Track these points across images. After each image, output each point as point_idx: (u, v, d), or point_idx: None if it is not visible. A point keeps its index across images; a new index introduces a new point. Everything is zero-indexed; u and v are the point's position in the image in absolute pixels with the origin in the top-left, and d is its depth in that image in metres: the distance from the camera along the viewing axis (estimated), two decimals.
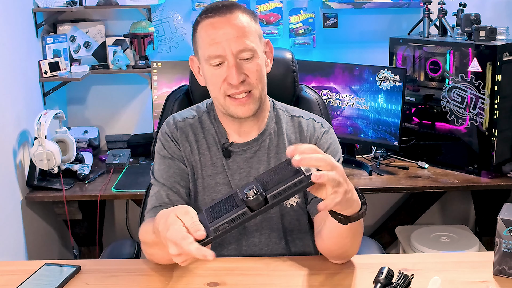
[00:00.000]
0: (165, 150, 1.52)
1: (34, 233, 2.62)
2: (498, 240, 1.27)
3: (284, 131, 1.54)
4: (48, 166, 2.50)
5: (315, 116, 1.59)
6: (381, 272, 1.23)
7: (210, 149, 1.52)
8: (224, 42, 1.38)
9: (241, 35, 1.39)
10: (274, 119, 1.55)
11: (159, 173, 1.51)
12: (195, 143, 1.52)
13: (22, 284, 1.29)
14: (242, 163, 1.51)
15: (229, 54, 1.39)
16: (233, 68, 1.39)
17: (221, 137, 1.52)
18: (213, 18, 1.41)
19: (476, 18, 2.62)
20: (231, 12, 1.41)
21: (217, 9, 1.42)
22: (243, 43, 1.39)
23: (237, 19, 1.40)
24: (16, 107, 2.51)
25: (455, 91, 2.64)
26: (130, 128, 3.14)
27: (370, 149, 2.93)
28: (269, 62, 1.51)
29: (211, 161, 1.51)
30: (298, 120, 1.56)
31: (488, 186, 2.58)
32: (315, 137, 1.53)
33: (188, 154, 1.51)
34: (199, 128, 1.54)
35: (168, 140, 1.52)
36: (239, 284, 1.30)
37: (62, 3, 2.75)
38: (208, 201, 1.49)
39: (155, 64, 2.88)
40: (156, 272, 1.36)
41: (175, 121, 1.55)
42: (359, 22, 3.06)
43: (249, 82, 1.42)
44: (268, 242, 1.50)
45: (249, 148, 1.51)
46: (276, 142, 1.53)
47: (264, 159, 1.51)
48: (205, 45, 1.41)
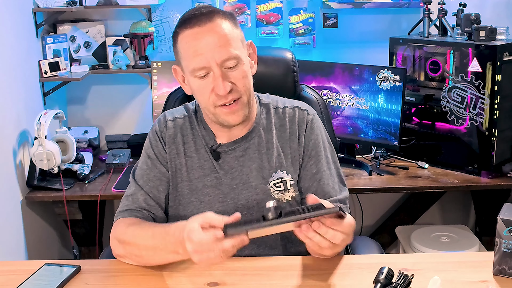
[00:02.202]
0: (152, 150, 1.53)
1: (34, 233, 2.62)
2: (498, 240, 1.27)
3: (273, 126, 1.54)
4: (48, 166, 2.50)
5: (298, 103, 1.58)
6: (381, 272, 1.23)
7: (198, 151, 1.52)
8: (207, 53, 1.37)
9: (224, 43, 1.38)
10: (263, 114, 1.55)
11: (140, 172, 1.52)
12: (183, 145, 1.52)
13: (22, 284, 1.29)
14: (232, 162, 1.51)
15: (213, 65, 1.37)
16: (219, 78, 1.38)
17: (208, 140, 1.52)
18: (192, 28, 1.38)
19: (476, 18, 2.62)
20: (211, 20, 1.38)
21: (196, 18, 1.39)
22: (227, 52, 1.38)
23: (218, 27, 1.38)
24: (16, 107, 2.51)
25: (455, 91, 2.64)
26: (130, 128, 3.14)
27: (370, 149, 2.92)
28: (254, 63, 1.50)
29: (198, 164, 1.51)
30: (283, 111, 1.56)
31: (488, 186, 2.58)
32: (303, 128, 1.53)
33: (174, 157, 1.51)
34: (188, 129, 1.53)
35: (156, 140, 1.53)
36: (239, 284, 1.30)
37: (62, 3, 2.75)
38: (196, 203, 1.49)
39: (155, 64, 2.88)
40: (156, 272, 1.36)
41: (165, 119, 1.55)
42: (359, 22, 3.06)
43: (237, 89, 1.41)
44: (266, 239, 1.51)
45: (238, 146, 1.51)
46: (266, 139, 1.52)
47: (255, 157, 1.51)
48: (188, 57, 1.39)
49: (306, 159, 1.52)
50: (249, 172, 1.49)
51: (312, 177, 1.51)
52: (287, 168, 1.51)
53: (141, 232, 1.39)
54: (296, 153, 1.52)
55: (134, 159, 2.90)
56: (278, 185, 1.49)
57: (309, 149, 1.52)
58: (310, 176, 1.51)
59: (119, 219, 1.48)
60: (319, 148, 1.53)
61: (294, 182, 1.50)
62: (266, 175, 1.50)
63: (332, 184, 1.51)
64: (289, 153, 1.52)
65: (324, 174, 1.51)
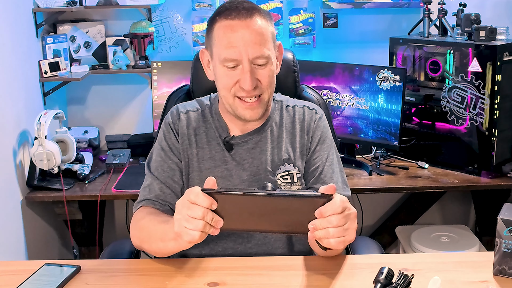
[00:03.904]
0: (165, 141, 1.55)
1: (34, 233, 2.62)
2: (498, 240, 1.27)
3: (284, 122, 1.58)
4: (48, 166, 2.50)
5: (307, 103, 1.63)
6: (381, 272, 1.23)
7: (209, 143, 1.54)
8: (241, 46, 1.40)
9: (259, 42, 1.41)
10: (276, 110, 1.59)
11: (154, 164, 1.54)
12: (194, 136, 1.55)
13: (22, 284, 1.29)
14: (244, 154, 1.54)
15: (245, 59, 1.41)
16: (247, 73, 1.41)
17: (221, 131, 1.55)
18: (232, 20, 1.41)
19: (476, 18, 2.62)
20: (251, 17, 1.41)
21: (237, 11, 1.42)
22: (259, 50, 1.41)
23: (256, 25, 1.41)
24: (16, 107, 2.51)
25: (455, 91, 2.64)
26: (130, 128, 3.14)
27: (370, 149, 2.93)
28: (279, 64, 1.54)
29: (209, 155, 1.54)
30: (293, 110, 1.60)
31: (488, 186, 2.58)
32: (311, 126, 1.58)
33: (186, 147, 1.54)
34: (200, 121, 1.56)
35: (169, 131, 1.56)
36: (239, 284, 1.30)
37: (62, 3, 2.75)
38: None
39: (155, 64, 2.88)
40: (156, 272, 1.36)
41: (178, 111, 1.58)
42: (359, 22, 3.06)
43: (261, 87, 1.45)
44: (270, 236, 1.52)
45: (250, 139, 1.54)
46: (277, 134, 1.56)
47: (266, 149, 1.55)
48: (221, 46, 1.42)
49: (312, 154, 1.56)
50: (260, 164, 1.53)
51: (315, 171, 1.55)
52: (295, 162, 1.55)
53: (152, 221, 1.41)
54: (304, 148, 1.56)
55: (134, 159, 2.90)
56: (285, 178, 1.54)
57: (315, 145, 1.57)
58: (314, 170, 1.55)
59: (138, 209, 1.50)
60: (325, 145, 1.57)
61: (301, 175, 1.55)
62: (274, 167, 1.54)
63: (335, 179, 1.54)
64: (297, 147, 1.56)
65: (328, 170, 1.55)
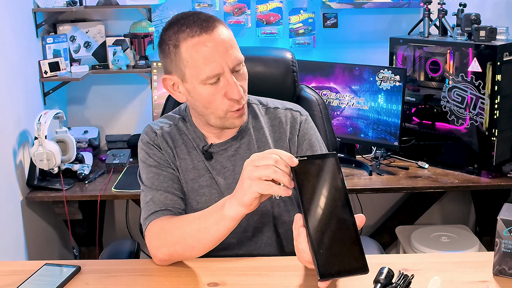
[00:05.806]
0: (151, 159, 1.49)
1: (34, 233, 2.62)
2: (498, 240, 1.27)
3: (263, 125, 1.54)
4: (48, 166, 2.50)
5: (291, 105, 1.59)
6: (381, 272, 1.23)
7: (190, 153, 1.51)
8: (219, 59, 1.36)
9: (233, 48, 1.38)
10: (250, 114, 1.55)
11: (149, 181, 1.48)
12: (174, 149, 1.50)
13: (22, 284, 1.29)
14: (224, 162, 1.51)
15: (226, 71, 1.37)
16: (233, 83, 1.38)
17: (199, 141, 1.51)
18: (200, 36, 1.36)
19: (476, 18, 2.62)
20: (215, 26, 1.38)
21: (199, 27, 1.37)
22: (236, 57, 1.38)
23: (223, 33, 1.38)
24: (16, 107, 2.51)
25: (455, 91, 2.64)
26: (130, 128, 3.14)
27: (370, 149, 2.93)
28: None
29: (192, 165, 1.50)
30: (274, 112, 1.56)
31: (488, 186, 2.58)
32: (296, 128, 1.54)
33: (172, 160, 1.50)
34: (176, 134, 1.52)
35: (151, 148, 1.50)
36: (239, 284, 1.30)
37: (62, 3, 2.75)
38: (193, 204, 1.48)
39: (155, 64, 2.88)
40: (156, 272, 1.36)
41: (153, 129, 1.53)
42: (359, 22, 3.06)
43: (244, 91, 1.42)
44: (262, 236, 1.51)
45: (229, 146, 1.51)
46: (256, 137, 1.53)
47: (247, 156, 1.50)
48: (198, 65, 1.37)
49: None
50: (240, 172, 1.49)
51: None
52: None
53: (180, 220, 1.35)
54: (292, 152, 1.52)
55: (134, 159, 2.90)
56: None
57: (303, 148, 1.53)
58: None
59: (150, 224, 1.41)
60: (315, 148, 1.54)
61: None
62: None
63: None
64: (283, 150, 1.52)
65: None
